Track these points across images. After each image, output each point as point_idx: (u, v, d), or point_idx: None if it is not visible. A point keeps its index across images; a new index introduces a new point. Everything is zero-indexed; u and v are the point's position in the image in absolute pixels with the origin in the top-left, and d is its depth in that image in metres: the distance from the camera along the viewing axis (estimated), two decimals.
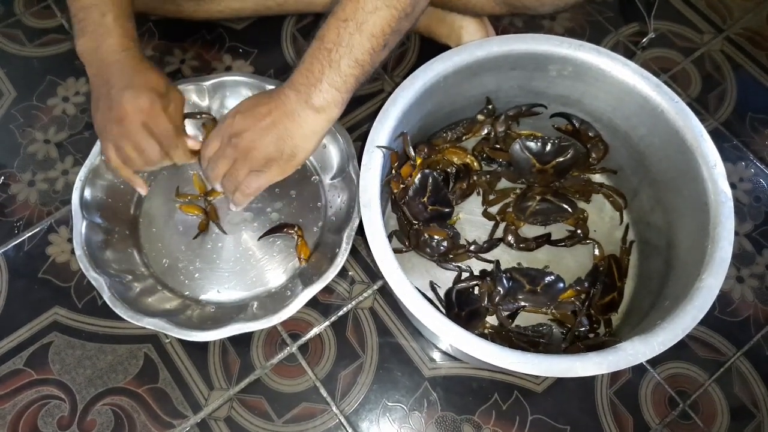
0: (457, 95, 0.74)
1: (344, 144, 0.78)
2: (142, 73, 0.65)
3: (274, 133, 0.60)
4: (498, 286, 0.70)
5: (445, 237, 0.71)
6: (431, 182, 0.71)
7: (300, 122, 0.60)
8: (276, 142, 0.60)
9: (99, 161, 0.76)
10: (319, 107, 0.59)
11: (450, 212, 0.74)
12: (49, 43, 0.95)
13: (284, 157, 0.62)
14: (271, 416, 0.73)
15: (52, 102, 0.91)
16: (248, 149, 0.61)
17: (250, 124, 0.61)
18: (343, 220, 0.76)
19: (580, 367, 0.55)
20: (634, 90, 0.68)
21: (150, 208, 0.81)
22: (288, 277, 0.77)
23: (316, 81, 0.57)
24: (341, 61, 0.56)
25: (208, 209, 0.79)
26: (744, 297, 0.81)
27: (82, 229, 0.72)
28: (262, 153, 0.61)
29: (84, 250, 0.71)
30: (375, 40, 0.55)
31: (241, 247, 0.79)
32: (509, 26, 0.98)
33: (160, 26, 0.96)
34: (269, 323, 0.69)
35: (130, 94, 0.63)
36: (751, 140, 0.91)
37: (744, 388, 0.76)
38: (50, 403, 0.74)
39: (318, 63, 0.57)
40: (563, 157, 0.74)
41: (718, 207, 0.62)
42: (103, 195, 0.77)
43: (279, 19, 0.96)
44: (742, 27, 0.99)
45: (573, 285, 0.72)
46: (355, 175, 0.76)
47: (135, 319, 0.68)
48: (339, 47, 0.55)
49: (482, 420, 0.74)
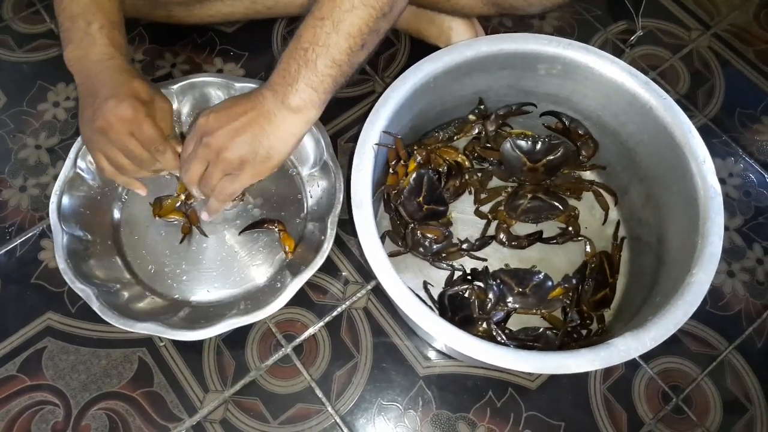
0: (447, 95, 0.74)
1: (318, 133, 0.77)
2: (126, 82, 0.64)
3: (249, 132, 0.59)
4: (489, 294, 0.70)
5: (441, 235, 0.72)
6: (426, 181, 0.72)
7: (277, 123, 0.59)
8: (250, 143, 0.59)
9: (73, 173, 0.75)
10: (295, 107, 0.58)
11: (445, 210, 0.75)
12: (38, 49, 0.95)
13: (258, 158, 0.60)
14: (267, 418, 0.73)
15: (42, 107, 0.91)
16: (220, 149, 0.60)
17: (224, 122, 0.59)
18: (325, 208, 0.76)
19: (573, 364, 0.56)
20: (623, 87, 0.69)
21: (129, 216, 0.80)
22: (275, 271, 0.77)
23: (293, 81, 0.56)
24: (318, 61, 0.55)
25: (189, 213, 0.79)
26: (735, 291, 0.81)
27: (63, 242, 0.71)
28: (235, 153, 0.59)
29: (67, 263, 0.70)
30: (352, 39, 0.55)
31: (226, 245, 0.79)
32: (499, 26, 0.98)
33: (150, 30, 0.96)
34: (262, 315, 0.69)
35: (113, 104, 0.62)
36: (740, 136, 0.91)
37: (736, 381, 0.77)
38: (44, 408, 0.74)
39: (294, 63, 0.56)
40: (554, 155, 0.74)
41: (708, 202, 0.63)
42: (81, 207, 0.76)
43: (269, 22, 0.97)
44: (729, 23, 1.00)
45: (561, 283, 0.73)
46: (332, 162, 0.76)
47: (127, 326, 0.68)
48: (315, 46, 0.55)
49: (477, 418, 0.74)
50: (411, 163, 0.71)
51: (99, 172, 0.71)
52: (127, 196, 0.81)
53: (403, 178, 0.71)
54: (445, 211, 0.75)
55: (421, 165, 0.72)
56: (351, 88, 0.93)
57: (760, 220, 0.86)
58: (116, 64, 0.65)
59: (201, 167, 0.62)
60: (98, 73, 0.64)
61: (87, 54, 0.64)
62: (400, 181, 0.71)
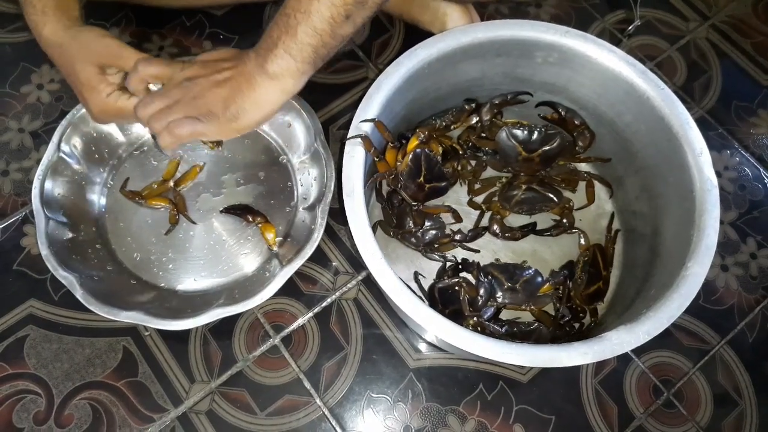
0: (441, 82, 0.73)
1: (309, 119, 0.76)
2: (72, 60, 0.64)
3: (226, 88, 0.58)
4: (479, 290, 0.69)
5: (448, 211, 0.72)
6: (424, 159, 0.70)
7: (254, 86, 0.58)
8: (225, 98, 0.58)
9: (57, 158, 0.74)
10: (272, 73, 0.57)
11: (446, 186, 0.73)
12: (22, 29, 0.92)
13: (227, 115, 0.59)
14: (254, 409, 0.72)
15: (26, 89, 0.89)
16: (195, 96, 0.59)
17: (208, 73, 0.59)
18: (315, 196, 0.75)
19: (565, 357, 0.55)
20: (620, 76, 0.68)
21: (114, 203, 0.78)
22: (264, 260, 0.76)
23: (273, 46, 0.56)
24: (298, 28, 0.54)
25: (176, 200, 0.78)
26: (728, 285, 0.81)
27: (46, 229, 0.70)
28: (207, 103, 0.59)
29: (50, 250, 0.69)
30: (335, 8, 0.53)
31: (214, 234, 0.77)
32: (495, 13, 0.97)
33: (137, 12, 0.93)
34: (251, 305, 0.68)
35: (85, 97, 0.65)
36: (736, 128, 0.91)
37: (727, 376, 0.76)
38: (26, 397, 0.72)
39: (276, 28, 0.55)
40: (549, 146, 0.73)
41: (704, 195, 0.62)
42: (65, 192, 0.75)
43: (260, 5, 0.94)
44: (727, 15, 0.99)
45: (550, 279, 0.72)
46: (323, 149, 0.75)
47: (112, 314, 0.67)
48: (297, 13, 0.54)
49: (467, 411, 0.73)
50: (413, 141, 0.69)
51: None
52: (113, 182, 0.79)
53: (400, 161, 0.69)
54: (447, 186, 0.74)
55: (423, 143, 0.70)
56: (343, 74, 0.91)
57: (754, 213, 0.85)
58: (57, 39, 0.64)
59: (163, 105, 0.61)
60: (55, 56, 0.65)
61: (40, 34, 0.64)
62: (396, 163, 0.69)
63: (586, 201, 0.79)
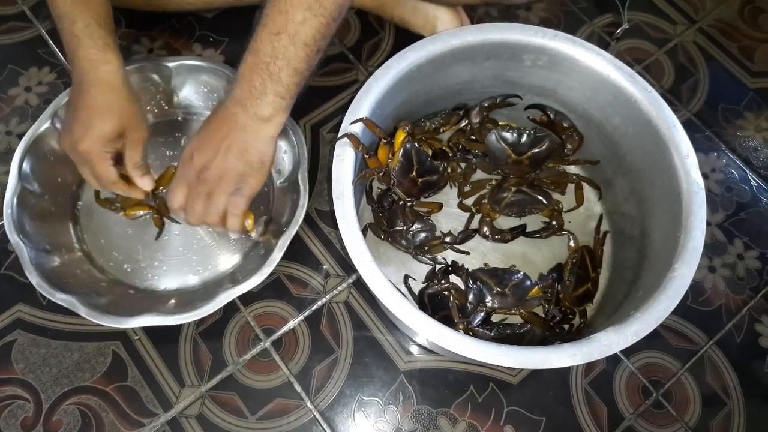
0: (432, 85, 0.73)
1: None
2: (102, 110, 0.63)
3: (236, 150, 0.60)
4: (468, 296, 0.69)
5: (438, 209, 0.74)
6: (415, 154, 0.70)
7: (255, 132, 0.60)
8: (242, 159, 0.60)
9: (21, 188, 0.72)
10: (268, 117, 0.59)
11: (439, 179, 0.74)
12: (10, 31, 0.92)
13: (255, 167, 0.62)
14: (244, 413, 0.72)
15: (13, 92, 0.88)
16: (219, 177, 0.61)
17: (211, 153, 0.61)
18: (291, 168, 0.76)
19: (555, 359, 0.55)
20: (608, 80, 0.68)
21: (89, 223, 0.78)
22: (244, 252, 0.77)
23: (260, 94, 0.58)
24: (281, 73, 0.57)
25: (157, 204, 0.77)
26: (716, 286, 0.82)
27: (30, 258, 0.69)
28: (234, 174, 0.61)
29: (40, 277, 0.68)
30: (308, 48, 0.56)
31: (197, 233, 0.78)
32: (484, 16, 0.97)
33: (126, 14, 0.93)
34: (258, 280, 0.69)
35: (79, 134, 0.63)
36: (723, 131, 0.91)
37: (715, 376, 0.77)
38: (13, 403, 0.71)
39: (258, 77, 0.57)
40: (538, 148, 0.74)
41: (691, 197, 0.62)
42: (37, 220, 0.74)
43: (250, 8, 0.94)
44: (714, 18, 1.00)
45: (538, 282, 0.72)
46: (289, 124, 0.75)
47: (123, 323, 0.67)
48: (276, 60, 0.56)
49: (458, 413, 0.73)
50: (400, 134, 0.69)
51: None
52: (81, 203, 0.79)
53: (391, 158, 0.69)
54: (440, 180, 0.74)
55: (410, 134, 0.70)
56: (333, 77, 0.91)
57: (741, 215, 0.86)
58: (102, 79, 0.63)
59: (203, 202, 0.63)
60: (82, 84, 0.63)
61: (73, 58, 0.63)
62: (387, 160, 0.69)
63: (575, 203, 0.79)
